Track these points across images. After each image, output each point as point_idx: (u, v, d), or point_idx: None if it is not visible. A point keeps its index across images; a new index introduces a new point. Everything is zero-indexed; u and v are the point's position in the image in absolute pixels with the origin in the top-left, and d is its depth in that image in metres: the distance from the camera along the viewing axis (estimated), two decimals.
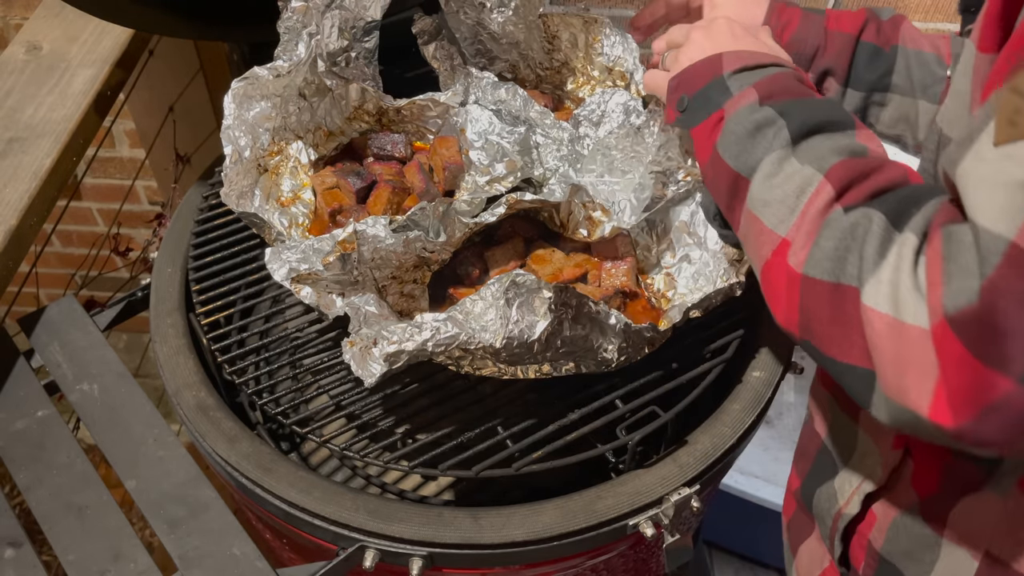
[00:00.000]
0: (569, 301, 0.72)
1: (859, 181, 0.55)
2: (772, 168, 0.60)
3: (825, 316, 0.53)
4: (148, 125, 1.57)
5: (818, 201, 0.55)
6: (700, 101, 0.68)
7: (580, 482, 0.81)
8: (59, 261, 2.19)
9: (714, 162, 0.65)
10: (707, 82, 0.68)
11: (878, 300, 0.49)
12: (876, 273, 0.50)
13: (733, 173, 0.63)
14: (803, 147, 0.59)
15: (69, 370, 0.91)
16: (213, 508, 0.79)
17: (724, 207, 0.66)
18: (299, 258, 0.81)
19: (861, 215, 0.52)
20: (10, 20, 1.74)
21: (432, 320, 0.73)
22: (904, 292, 0.48)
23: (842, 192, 0.55)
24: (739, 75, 0.67)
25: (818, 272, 0.53)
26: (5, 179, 1.01)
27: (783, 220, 0.57)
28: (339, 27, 0.98)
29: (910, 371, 0.48)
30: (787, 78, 0.66)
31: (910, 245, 0.49)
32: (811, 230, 0.55)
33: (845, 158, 0.57)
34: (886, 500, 0.68)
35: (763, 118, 0.62)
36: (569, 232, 0.94)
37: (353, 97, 1.02)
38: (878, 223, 0.51)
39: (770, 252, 0.58)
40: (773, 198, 0.59)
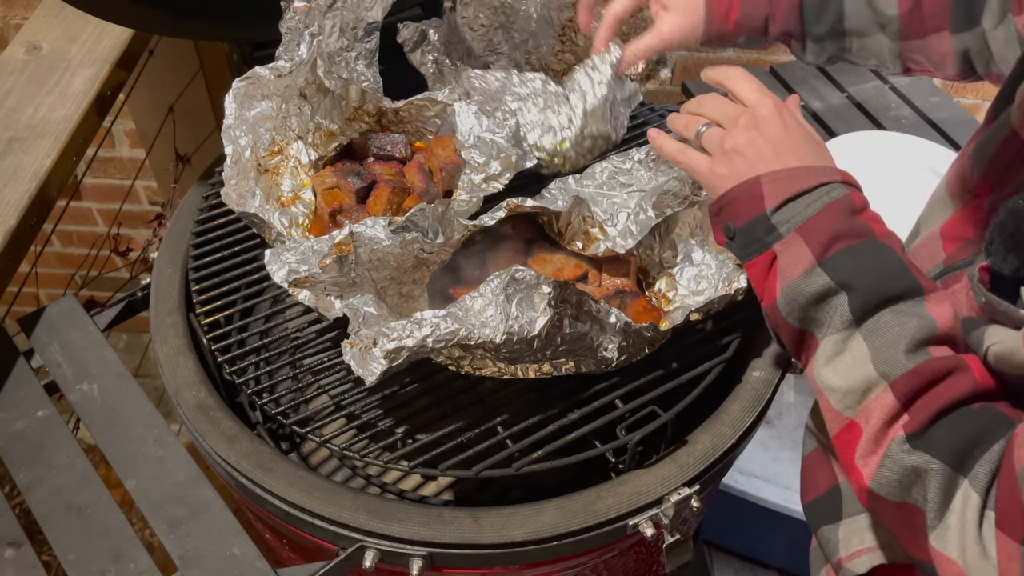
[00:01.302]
0: (569, 298, 0.72)
1: (924, 392, 0.55)
2: (834, 348, 0.59)
3: (896, 524, 0.56)
4: (148, 125, 1.57)
5: (882, 410, 0.56)
6: (747, 238, 0.66)
7: (580, 482, 0.81)
8: (59, 261, 2.19)
9: (775, 316, 0.64)
10: (751, 218, 0.65)
11: (947, 546, 0.51)
12: (944, 520, 0.51)
13: (798, 332, 0.63)
14: (868, 326, 0.58)
15: (69, 370, 0.91)
16: (213, 508, 0.79)
17: (793, 351, 0.66)
18: (298, 259, 0.81)
19: (923, 460, 0.53)
20: (10, 20, 1.74)
21: (432, 316, 0.73)
22: (970, 552, 0.49)
23: (907, 405, 0.55)
24: (782, 211, 0.64)
25: (885, 493, 0.55)
26: (5, 179, 1.01)
27: (849, 407, 0.58)
28: (340, 27, 0.98)
29: None
30: (837, 212, 0.62)
31: (974, 504, 0.50)
32: (877, 439, 0.56)
33: (913, 365, 0.55)
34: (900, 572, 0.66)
35: (823, 290, 0.60)
36: (565, 240, 0.94)
37: (353, 97, 1.02)
38: (939, 471, 0.52)
39: (839, 429, 0.59)
40: (838, 386, 0.59)
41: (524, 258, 0.92)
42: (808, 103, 1.53)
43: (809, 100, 1.54)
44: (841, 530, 0.73)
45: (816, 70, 1.62)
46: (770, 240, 0.64)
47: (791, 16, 0.85)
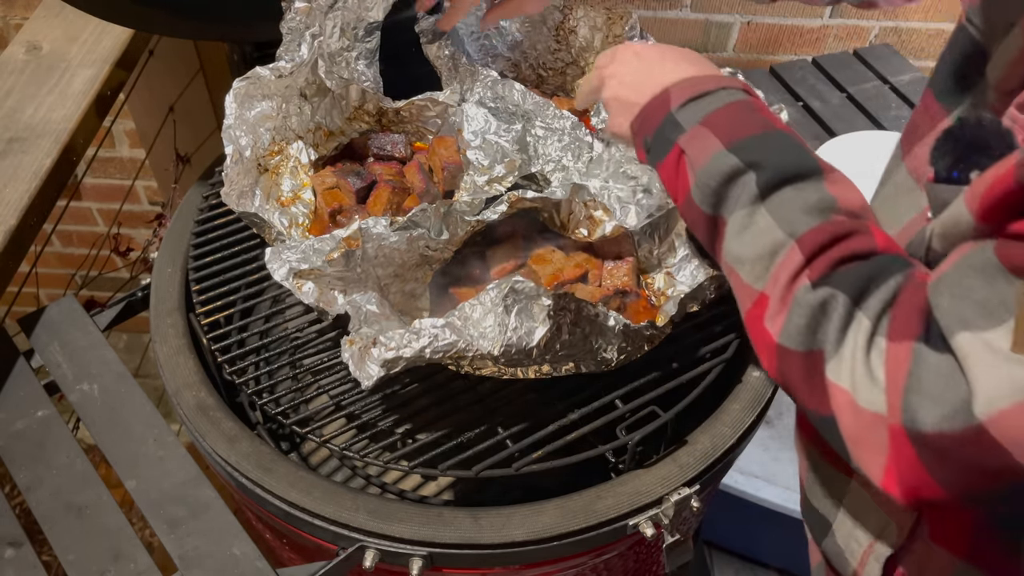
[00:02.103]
0: (568, 306, 0.72)
1: (828, 248, 0.57)
2: (743, 222, 0.61)
3: (799, 379, 0.57)
4: (148, 125, 1.57)
5: (789, 266, 0.58)
6: (658, 140, 0.69)
7: (580, 482, 0.81)
8: (59, 261, 2.19)
9: (689, 207, 0.66)
10: (661, 120, 0.69)
11: (840, 376, 0.53)
12: (839, 350, 0.53)
13: (711, 218, 0.64)
14: (773, 201, 0.60)
15: (69, 370, 0.91)
16: (213, 508, 0.79)
17: (707, 247, 0.68)
18: (299, 258, 0.81)
19: (827, 294, 0.55)
20: (10, 20, 1.74)
21: (430, 326, 0.73)
22: (859, 376, 0.52)
23: (811, 259, 0.57)
24: (687, 108, 0.67)
25: (790, 343, 0.56)
26: (5, 179, 1.01)
27: (759, 277, 0.60)
28: (341, 28, 0.98)
29: (864, 446, 0.53)
30: (739, 108, 0.66)
31: (864, 330, 0.52)
32: (784, 298, 0.57)
33: (816, 223, 0.58)
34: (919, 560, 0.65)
35: (732, 170, 0.62)
36: (569, 231, 0.94)
37: (353, 97, 1.02)
38: (842, 302, 0.54)
39: (750, 304, 0.61)
40: (746, 256, 0.61)
41: (524, 258, 0.92)
42: (808, 103, 1.53)
43: (809, 100, 1.54)
44: (839, 543, 0.73)
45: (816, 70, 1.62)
46: (675, 136, 0.67)
47: None
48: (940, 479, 0.49)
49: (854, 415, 0.52)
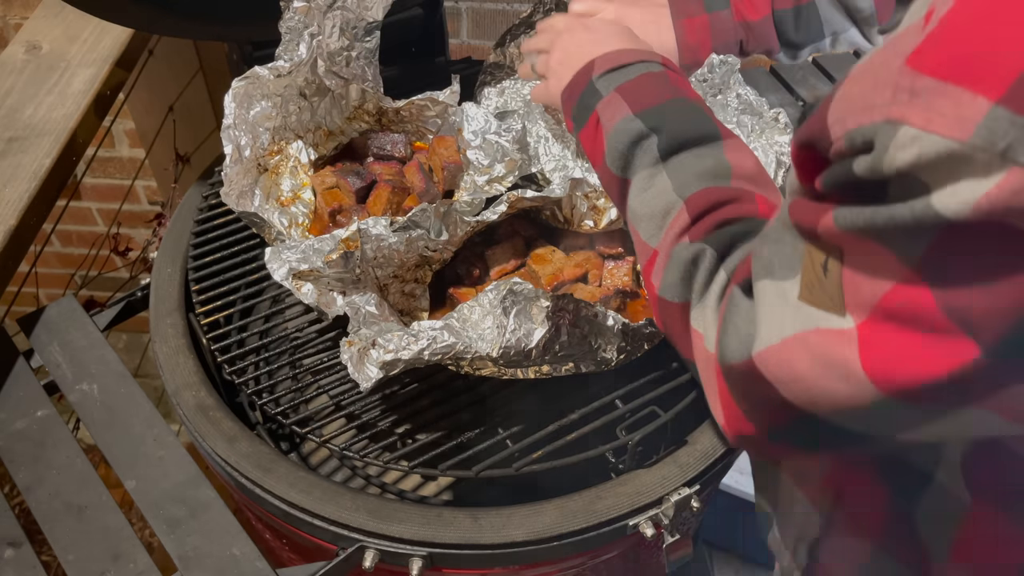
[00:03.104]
0: (566, 307, 0.72)
1: (711, 211, 0.61)
2: (644, 183, 0.66)
3: (678, 328, 0.61)
4: (148, 125, 1.57)
5: (676, 226, 0.62)
6: (580, 108, 0.74)
7: (580, 482, 0.81)
8: (59, 261, 2.19)
9: (604, 170, 0.70)
10: (583, 88, 0.73)
11: (698, 323, 0.58)
12: (702, 301, 0.58)
13: (621, 181, 0.68)
14: (672, 163, 0.65)
15: (69, 370, 0.91)
16: (213, 508, 0.79)
17: (619, 210, 0.71)
18: (299, 258, 0.81)
19: (699, 248, 0.59)
20: (10, 20, 1.74)
21: (429, 329, 0.73)
22: (708, 322, 0.56)
23: (695, 220, 0.61)
24: (606, 77, 0.72)
25: (668, 295, 0.61)
26: (5, 179, 1.01)
27: (653, 235, 0.64)
28: (340, 27, 0.98)
29: (708, 388, 0.57)
30: (653, 79, 0.71)
31: (720, 282, 0.57)
32: (666, 251, 0.62)
33: (705, 187, 0.62)
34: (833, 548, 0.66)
35: (637, 133, 0.67)
36: (575, 225, 0.94)
37: (353, 97, 1.02)
38: (709, 257, 0.59)
39: (645, 260, 0.65)
40: (644, 214, 0.65)
41: (524, 257, 0.92)
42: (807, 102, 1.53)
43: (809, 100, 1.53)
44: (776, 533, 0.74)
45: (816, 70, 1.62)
46: (594, 102, 0.71)
47: (767, 37, 0.90)
48: (745, 412, 0.52)
49: (704, 360, 0.57)
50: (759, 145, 0.87)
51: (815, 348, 0.45)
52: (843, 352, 0.43)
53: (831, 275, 0.43)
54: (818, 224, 0.43)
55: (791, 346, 0.46)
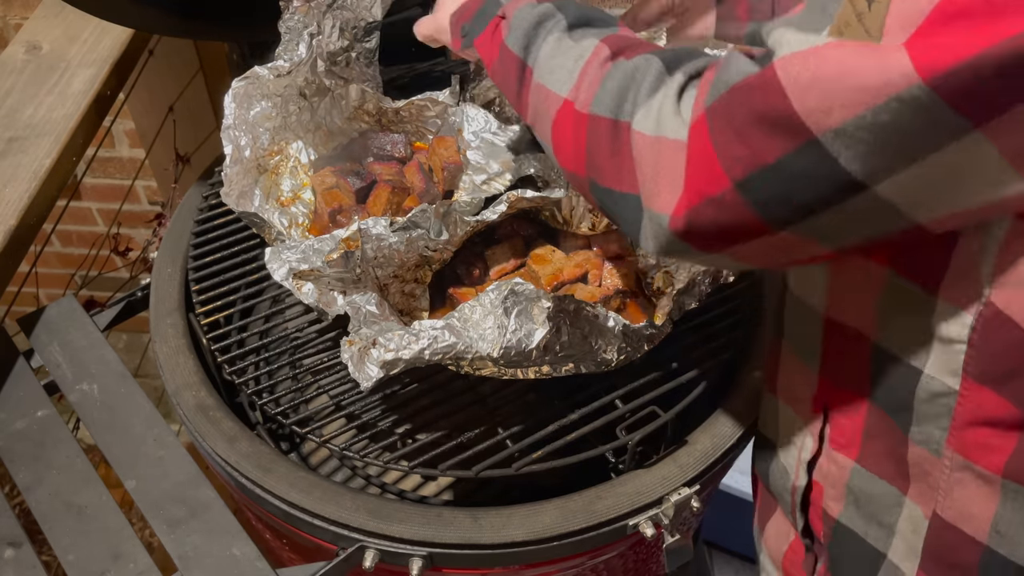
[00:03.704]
0: (567, 307, 0.72)
1: (632, 48, 0.62)
2: (554, 46, 0.66)
3: (606, 149, 0.59)
4: (148, 125, 1.57)
5: (596, 60, 0.62)
6: (478, 18, 0.75)
7: (580, 482, 0.81)
8: (59, 261, 2.19)
9: (503, 58, 0.71)
10: (481, 5, 0.75)
11: (645, 125, 0.56)
12: (647, 104, 0.56)
13: (520, 61, 0.69)
14: (578, 32, 0.66)
15: (69, 370, 0.91)
16: (213, 508, 0.79)
17: (514, 98, 0.71)
18: (299, 258, 0.81)
19: (643, 60, 0.59)
20: (10, 20, 1.73)
21: (430, 328, 0.73)
22: (665, 115, 0.54)
23: (618, 53, 0.62)
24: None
25: (601, 110, 0.59)
26: (5, 179, 1.01)
27: (565, 82, 0.63)
28: (340, 27, 0.98)
29: (663, 177, 0.54)
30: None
31: (676, 82, 0.55)
32: (595, 79, 0.61)
33: (615, 34, 0.64)
34: (822, 466, 0.69)
35: (543, 11, 0.68)
36: (574, 227, 0.94)
37: (353, 97, 1.02)
38: (656, 67, 0.58)
39: (556, 111, 0.64)
40: (556, 66, 0.65)
41: (524, 257, 0.92)
42: None
43: None
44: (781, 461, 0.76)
45: None
46: (495, 10, 0.73)
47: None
48: (726, 155, 0.50)
49: (656, 151, 0.54)
50: None
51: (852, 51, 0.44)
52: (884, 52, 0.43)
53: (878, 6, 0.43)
54: None
55: (823, 51, 0.45)
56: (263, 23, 0.99)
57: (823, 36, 0.46)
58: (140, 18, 1.01)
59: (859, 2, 0.44)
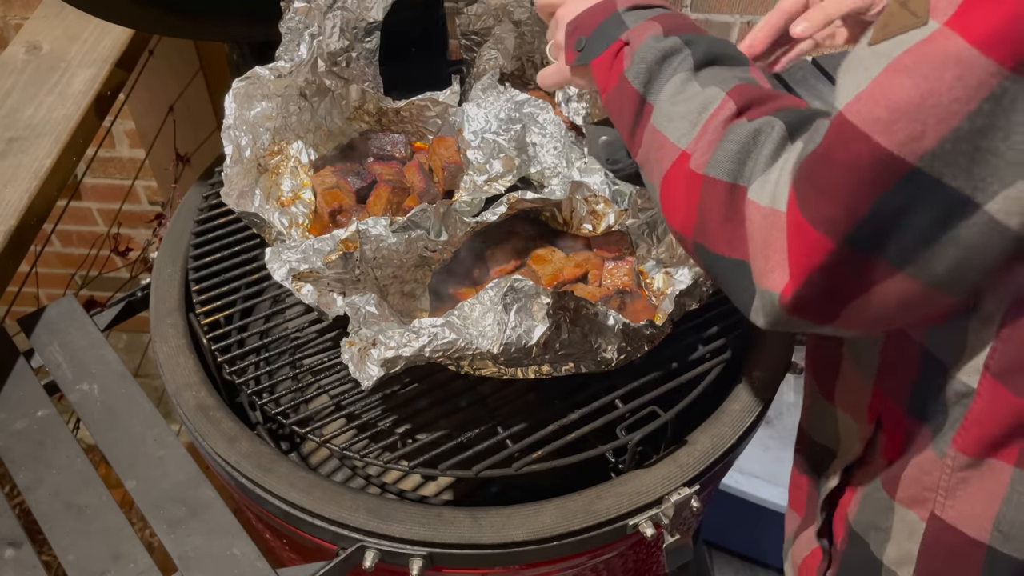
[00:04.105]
0: (567, 304, 0.72)
1: (759, 102, 0.59)
2: (677, 88, 0.64)
3: (719, 214, 0.57)
4: (148, 125, 1.57)
5: (720, 115, 0.59)
6: (597, 36, 0.71)
7: (580, 482, 0.81)
8: (59, 261, 2.19)
9: (621, 89, 0.68)
10: (603, 19, 0.72)
11: (761, 195, 0.54)
12: (766, 173, 0.54)
13: (640, 97, 0.66)
14: (705, 73, 0.63)
15: (69, 370, 0.91)
16: (213, 508, 0.79)
17: (628, 133, 0.69)
18: (299, 258, 0.81)
19: (766, 123, 0.56)
20: (10, 20, 1.74)
21: (430, 326, 0.73)
22: (780, 186, 0.52)
23: (744, 109, 0.59)
24: (633, 12, 0.71)
25: (718, 172, 0.57)
26: (5, 179, 1.01)
27: (685, 134, 0.61)
28: (340, 27, 0.98)
29: (773, 253, 0.52)
30: (681, 17, 0.70)
31: (796, 150, 0.53)
32: (714, 138, 0.59)
33: (744, 83, 0.61)
34: (860, 472, 0.69)
35: (670, 46, 0.65)
36: (574, 228, 0.94)
37: (353, 97, 1.02)
38: (778, 131, 0.55)
39: (670, 164, 0.62)
40: (676, 113, 0.62)
41: (524, 257, 0.92)
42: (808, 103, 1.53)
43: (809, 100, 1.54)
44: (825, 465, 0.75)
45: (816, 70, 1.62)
46: (618, 32, 0.69)
47: None
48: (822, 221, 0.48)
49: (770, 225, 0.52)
50: None
51: (914, 63, 0.43)
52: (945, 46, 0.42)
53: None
54: None
55: (886, 80, 0.44)
56: (263, 23, 0.98)
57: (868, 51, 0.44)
58: (140, 18, 1.01)
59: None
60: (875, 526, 0.67)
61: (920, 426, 0.61)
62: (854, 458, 0.69)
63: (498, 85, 0.98)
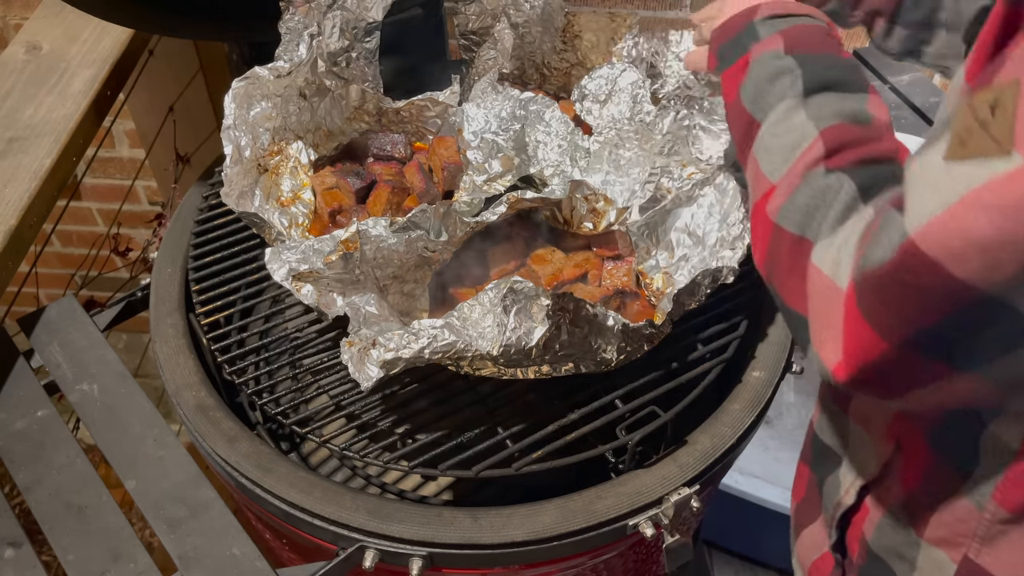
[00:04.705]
0: (567, 306, 0.72)
1: (850, 147, 0.58)
2: (780, 116, 0.63)
3: (785, 264, 0.57)
4: (148, 125, 1.57)
5: (808, 157, 0.58)
6: (732, 46, 0.71)
7: (580, 482, 0.81)
8: (59, 261, 2.19)
9: (735, 104, 0.68)
10: (740, 29, 0.71)
11: (824, 260, 0.53)
12: (831, 236, 0.54)
13: (748, 116, 0.66)
14: (813, 101, 0.62)
15: (69, 370, 0.91)
16: (213, 508, 0.79)
17: (739, 148, 0.69)
18: (299, 258, 0.81)
19: (836, 179, 0.56)
20: (10, 20, 1.74)
21: (429, 327, 0.73)
22: (844, 257, 0.52)
23: (831, 153, 0.58)
24: (769, 22, 0.70)
25: (787, 223, 0.57)
26: (5, 179, 1.01)
27: (776, 168, 0.61)
28: (340, 27, 0.98)
29: (828, 327, 0.52)
30: (815, 30, 0.68)
31: (865, 219, 0.52)
32: (793, 182, 0.58)
33: (844, 122, 0.59)
34: (876, 493, 0.69)
35: (783, 66, 0.64)
36: (574, 227, 0.94)
37: (353, 97, 1.02)
38: (848, 190, 0.55)
39: (760, 195, 0.62)
40: (773, 145, 0.62)
41: (524, 258, 0.92)
42: None
43: None
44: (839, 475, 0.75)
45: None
46: (750, 43, 0.69)
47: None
48: (881, 326, 0.48)
49: (828, 298, 0.52)
50: None
51: (994, 200, 0.41)
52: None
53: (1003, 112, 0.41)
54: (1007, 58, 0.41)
55: (962, 212, 0.42)
56: (263, 23, 0.99)
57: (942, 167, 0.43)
58: (140, 18, 1.01)
59: (980, 108, 0.42)
60: (898, 554, 0.66)
61: (946, 465, 0.60)
62: (870, 478, 0.68)
63: (497, 85, 0.98)
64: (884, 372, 0.50)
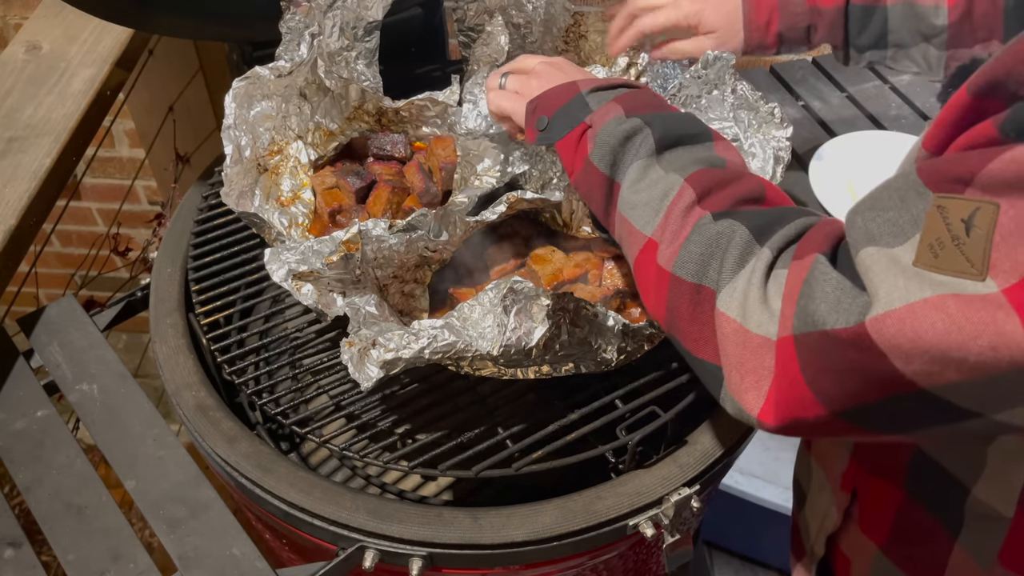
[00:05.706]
0: (567, 306, 0.72)
1: (719, 188, 0.59)
2: (638, 174, 0.64)
3: (686, 313, 0.58)
4: (148, 125, 1.57)
5: (680, 203, 0.60)
6: (561, 118, 0.72)
7: (580, 482, 0.81)
8: (59, 261, 2.19)
9: (587, 172, 0.69)
10: (566, 101, 0.72)
11: (730, 306, 0.54)
12: (732, 281, 0.54)
13: (608, 179, 0.67)
14: (666, 157, 0.64)
15: (69, 370, 0.91)
16: (213, 508, 0.79)
17: (600, 213, 0.70)
18: (298, 259, 0.81)
19: (727, 225, 0.56)
20: (10, 20, 1.74)
21: (429, 327, 0.73)
22: (751, 303, 0.52)
23: (703, 196, 0.59)
24: (595, 93, 0.72)
25: (684, 272, 0.58)
26: (5, 179, 1.01)
27: (649, 221, 0.62)
28: (340, 27, 0.98)
29: (749, 375, 0.52)
30: (644, 93, 0.71)
31: (764, 260, 0.53)
32: (678, 231, 0.59)
33: (704, 167, 0.61)
34: (851, 542, 0.68)
35: (631, 128, 0.66)
36: (573, 230, 0.94)
37: (353, 97, 1.02)
38: (741, 235, 0.55)
39: (638, 251, 0.63)
40: (639, 201, 0.63)
41: (524, 257, 0.92)
42: (808, 103, 1.53)
43: (809, 100, 1.54)
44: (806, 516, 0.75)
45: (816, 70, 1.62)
46: (582, 115, 0.70)
47: (835, 28, 0.88)
48: (819, 391, 0.48)
49: (741, 344, 0.52)
50: (756, 140, 0.87)
51: (955, 314, 0.41)
52: (993, 317, 0.40)
53: (978, 233, 0.40)
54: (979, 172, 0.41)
55: (921, 313, 0.42)
56: (264, 23, 0.98)
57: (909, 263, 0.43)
58: (140, 18, 1.01)
59: (954, 222, 0.41)
60: None
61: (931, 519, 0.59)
62: (834, 528, 0.68)
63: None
64: (814, 427, 0.51)
